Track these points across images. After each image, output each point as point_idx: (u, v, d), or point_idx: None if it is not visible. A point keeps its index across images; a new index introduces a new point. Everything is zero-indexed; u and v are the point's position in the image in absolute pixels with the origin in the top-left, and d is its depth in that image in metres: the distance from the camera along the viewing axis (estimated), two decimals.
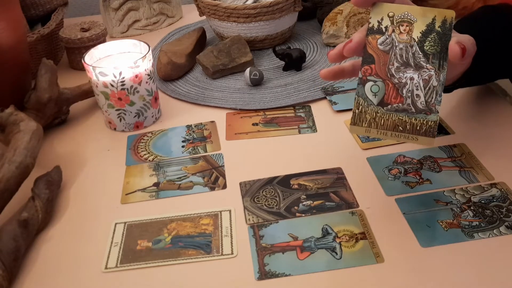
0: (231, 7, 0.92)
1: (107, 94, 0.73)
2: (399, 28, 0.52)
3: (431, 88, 0.51)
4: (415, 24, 0.52)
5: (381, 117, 0.51)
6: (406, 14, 0.52)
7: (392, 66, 0.52)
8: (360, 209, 0.59)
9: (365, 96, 0.52)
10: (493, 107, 0.74)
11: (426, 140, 0.50)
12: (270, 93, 0.83)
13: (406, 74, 0.51)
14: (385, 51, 0.52)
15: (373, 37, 0.52)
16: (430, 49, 0.51)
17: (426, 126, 0.50)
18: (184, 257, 0.55)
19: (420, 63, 0.51)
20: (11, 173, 0.58)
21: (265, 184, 0.64)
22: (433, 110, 0.50)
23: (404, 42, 0.52)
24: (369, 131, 0.52)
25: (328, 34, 0.96)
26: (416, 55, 0.51)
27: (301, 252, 0.54)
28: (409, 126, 0.51)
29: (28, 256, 0.56)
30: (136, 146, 0.74)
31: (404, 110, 0.51)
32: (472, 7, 0.97)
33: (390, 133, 0.51)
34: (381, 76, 0.52)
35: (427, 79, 0.51)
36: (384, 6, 0.53)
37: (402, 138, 0.51)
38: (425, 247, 0.53)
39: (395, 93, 0.51)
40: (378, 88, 0.52)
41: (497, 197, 0.58)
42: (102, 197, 0.65)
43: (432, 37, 0.51)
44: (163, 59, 0.89)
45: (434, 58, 0.51)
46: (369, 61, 0.52)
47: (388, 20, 0.52)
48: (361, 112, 0.52)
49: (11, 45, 0.71)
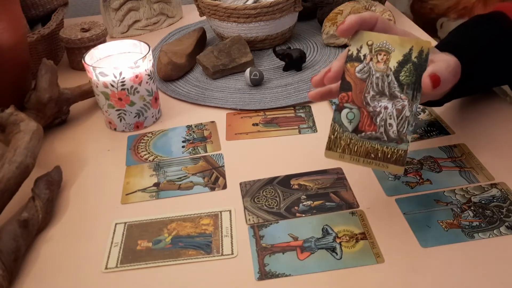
0: (231, 7, 0.92)
1: (107, 94, 0.73)
2: (377, 57, 0.53)
3: (403, 118, 0.51)
4: (392, 54, 0.53)
5: (355, 144, 0.52)
6: (384, 43, 0.53)
7: (368, 95, 0.53)
8: (360, 209, 0.59)
9: (341, 122, 0.53)
10: (493, 107, 0.74)
11: (395, 168, 0.51)
12: (270, 93, 0.83)
13: (381, 103, 0.52)
14: (362, 79, 0.53)
15: (351, 64, 0.53)
16: (405, 80, 0.52)
17: (396, 155, 0.51)
18: (184, 257, 0.55)
19: (394, 93, 0.52)
20: (11, 173, 0.58)
21: (265, 184, 0.64)
22: (404, 140, 0.51)
23: (380, 71, 0.53)
24: (343, 157, 0.53)
25: (328, 34, 0.96)
26: (391, 84, 0.52)
27: (301, 252, 0.54)
28: (381, 154, 0.52)
29: (28, 256, 0.56)
30: (136, 146, 0.74)
31: (377, 138, 0.52)
32: (472, 7, 0.97)
33: (363, 159, 0.52)
34: (357, 103, 0.53)
35: (400, 109, 0.52)
36: (364, 34, 0.54)
37: (373, 165, 0.52)
38: (425, 247, 0.53)
39: (369, 121, 0.52)
40: (353, 115, 0.53)
41: (497, 197, 0.58)
42: (102, 197, 0.65)
43: (408, 67, 0.52)
44: (163, 59, 0.89)
45: (408, 88, 0.52)
46: (346, 88, 0.53)
47: (367, 48, 0.53)
48: (336, 138, 0.53)
49: (11, 45, 0.72)
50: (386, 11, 0.96)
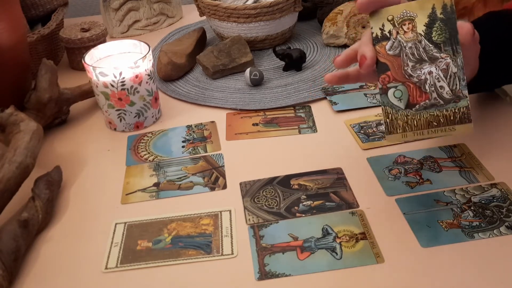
0: (231, 7, 0.92)
1: (107, 94, 0.73)
2: (402, 28, 0.52)
3: (452, 75, 0.50)
4: (416, 20, 0.51)
5: (413, 119, 0.51)
6: (405, 13, 0.52)
7: (408, 67, 0.51)
8: (360, 209, 0.59)
9: (390, 103, 0.51)
10: (493, 107, 0.74)
11: (463, 127, 0.50)
12: (270, 93, 0.83)
13: (423, 70, 0.51)
14: (396, 55, 0.52)
15: (380, 45, 0.52)
16: (439, 38, 0.50)
17: (459, 114, 0.50)
18: (184, 257, 0.55)
19: (433, 55, 0.51)
20: (11, 173, 0.58)
21: (265, 184, 0.64)
22: (461, 96, 0.50)
23: (411, 40, 0.51)
24: (406, 136, 0.51)
25: (328, 34, 0.96)
26: (427, 48, 0.51)
27: (301, 252, 0.54)
28: (443, 119, 0.50)
29: (28, 256, 0.56)
30: (136, 146, 0.74)
31: (433, 105, 0.50)
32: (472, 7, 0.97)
33: (427, 131, 0.51)
34: (399, 80, 0.51)
35: (445, 68, 0.50)
36: (381, 11, 0.53)
37: (439, 133, 0.50)
38: (425, 247, 0.53)
39: (419, 91, 0.51)
40: (401, 93, 0.51)
41: (497, 197, 0.58)
42: (102, 197, 0.65)
43: (437, 25, 0.50)
44: (163, 59, 0.89)
45: (445, 45, 0.50)
46: (384, 69, 0.52)
47: (389, 24, 0.52)
48: (392, 120, 0.52)
49: (11, 45, 0.72)
50: None
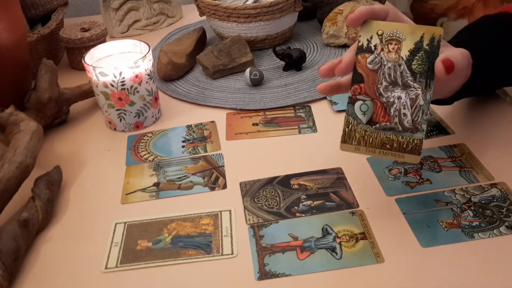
0: (231, 7, 0.92)
1: (107, 94, 0.73)
2: (388, 46, 0.52)
3: (417, 107, 0.51)
4: (403, 43, 0.52)
5: (370, 136, 0.52)
6: (395, 32, 0.52)
7: (381, 85, 0.52)
8: (360, 209, 0.59)
9: (354, 115, 0.53)
10: (493, 107, 0.74)
11: (411, 157, 0.51)
12: (270, 93, 0.83)
13: (394, 93, 0.52)
14: (374, 70, 0.52)
15: (362, 56, 0.53)
16: (417, 68, 0.51)
17: (412, 144, 0.51)
18: (184, 257, 0.55)
19: (407, 82, 0.52)
20: (11, 173, 0.58)
21: (265, 184, 0.64)
22: (419, 129, 0.51)
23: (392, 61, 0.52)
24: (359, 149, 0.53)
25: (328, 34, 0.96)
26: (404, 74, 0.52)
27: (301, 252, 0.54)
28: (396, 144, 0.52)
29: (28, 256, 0.56)
30: (136, 146, 0.74)
31: (392, 128, 0.52)
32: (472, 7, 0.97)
33: (378, 150, 0.52)
34: (370, 95, 0.52)
35: (414, 98, 0.51)
36: (373, 24, 0.53)
37: (389, 156, 0.52)
38: (425, 247, 0.53)
39: (383, 112, 0.52)
40: (367, 107, 0.52)
41: (497, 197, 0.58)
42: (102, 197, 0.65)
43: (420, 55, 0.51)
44: (163, 59, 0.89)
45: (421, 77, 0.51)
46: (359, 80, 0.53)
47: (377, 38, 0.53)
48: (351, 130, 0.53)
49: (11, 45, 0.71)
50: None
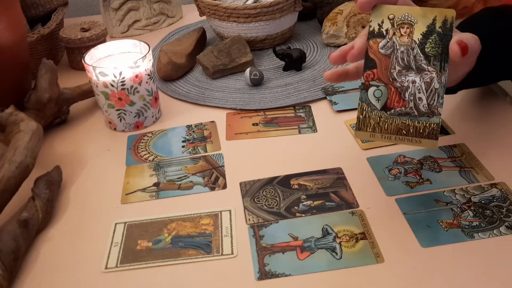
0: (231, 7, 0.92)
1: (107, 94, 0.73)
2: (399, 30, 0.52)
3: (433, 90, 0.50)
4: (415, 26, 0.51)
5: (385, 122, 0.51)
6: (406, 16, 0.52)
7: (394, 70, 0.51)
8: (360, 209, 0.59)
9: (368, 101, 0.52)
10: (493, 107, 0.74)
11: (429, 142, 0.50)
12: (270, 93, 0.83)
13: (408, 77, 0.51)
14: (387, 55, 0.52)
15: (374, 41, 0.52)
16: (431, 51, 0.51)
17: (429, 129, 0.50)
18: (184, 257, 0.55)
19: (421, 66, 0.51)
20: (11, 173, 0.58)
21: (265, 184, 0.64)
22: (436, 113, 0.50)
23: (405, 45, 0.51)
24: (374, 136, 0.52)
25: (328, 34, 0.96)
26: (417, 57, 0.51)
27: (301, 252, 0.54)
28: (412, 129, 0.51)
29: (28, 256, 0.56)
30: (136, 146, 0.74)
31: (407, 113, 0.51)
32: (472, 7, 0.97)
33: (394, 137, 0.51)
34: (383, 80, 0.52)
35: (428, 82, 0.50)
36: (384, 8, 0.52)
37: (406, 142, 0.51)
38: (425, 247, 0.53)
39: (398, 97, 0.51)
40: (381, 93, 0.52)
41: (497, 197, 0.58)
42: (102, 197, 0.65)
43: (433, 38, 0.51)
44: (163, 59, 0.89)
45: (435, 60, 0.50)
46: (371, 66, 0.52)
47: (389, 22, 0.52)
48: (365, 117, 0.52)
49: (11, 45, 0.72)
50: None
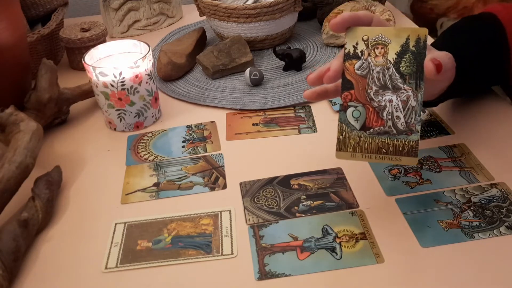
0: (231, 7, 0.92)
1: (107, 94, 0.73)
2: (374, 51, 0.52)
3: (410, 108, 0.51)
4: (389, 46, 0.52)
5: (365, 141, 0.52)
6: (380, 37, 0.52)
7: (371, 90, 0.52)
8: (360, 209, 0.59)
9: (347, 122, 0.53)
10: (493, 107, 0.74)
11: (409, 160, 0.51)
12: (270, 93, 0.83)
13: (385, 97, 0.52)
14: (363, 76, 0.53)
15: (350, 62, 0.53)
16: (406, 70, 0.51)
17: (408, 147, 0.51)
18: (184, 257, 0.55)
19: (397, 85, 0.52)
20: (11, 173, 0.58)
21: (265, 184, 0.64)
22: (414, 130, 0.51)
23: (380, 65, 0.52)
24: (354, 156, 0.53)
25: (328, 34, 0.96)
26: (393, 77, 0.52)
27: (301, 252, 0.54)
28: (392, 147, 0.51)
29: (28, 256, 0.56)
30: (136, 146, 0.74)
31: (386, 132, 0.52)
32: (472, 7, 0.97)
33: (374, 156, 0.52)
34: (361, 101, 0.53)
35: (405, 100, 0.51)
36: (358, 30, 0.53)
37: (386, 160, 0.52)
38: (425, 247, 0.53)
39: (376, 116, 0.52)
40: (359, 113, 0.52)
41: (497, 197, 0.58)
42: (102, 197, 0.65)
43: (407, 57, 0.51)
44: (163, 59, 0.89)
45: (410, 78, 0.51)
46: (348, 87, 0.53)
47: (363, 44, 0.53)
48: (345, 138, 0.53)
49: (11, 45, 0.72)
50: (386, 11, 0.96)
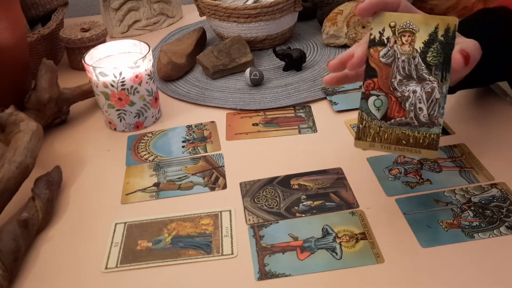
0: (231, 7, 0.92)
1: (107, 94, 0.73)
2: (401, 39, 0.51)
3: (433, 101, 0.50)
4: (417, 34, 0.50)
5: (385, 132, 0.51)
6: (408, 24, 0.51)
7: (395, 80, 0.51)
8: (360, 209, 0.59)
9: (368, 110, 0.51)
10: (493, 107, 0.74)
11: (429, 153, 0.50)
12: (270, 93, 0.83)
13: (409, 87, 0.50)
14: (387, 64, 0.51)
15: (375, 49, 0.51)
16: (432, 60, 0.50)
17: (429, 139, 0.50)
18: (184, 257, 0.55)
19: (422, 75, 0.50)
20: (11, 173, 0.58)
21: (265, 184, 0.64)
22: (436, 123, 0.50)
23: (406, 54, 0.51)
24: (373, 146, 0.52)
25: (328, 34, 0.96)
26: (418, 67, 0.50)
27: (301, 252, 0.54)
28: (412, 139, 0.50)
29: (28, 256, 0.56)
30: (136, 146, 0.74)
31: (407, 124, 0.50)
32: (472, 7, 0.97)
33: (394, 147, 0.51)
34: (383, 90, 0.51)
35: (429, 92, 0.50)
36: (385, 15, 0.51)
37: (405, 152, 0.51)
38: (425, 247, 0.53)
39: (398, 107, 0.51)
40: (381, 103, 0.51)
41: (497, 197, 0.58)
42: (102, 197, 0.65)
43: (435, 47, 0.50)
44: (163, 59, 0.89)
45: (437, 69, 0.50)
46: (372, 75, 0.51)
47: (390, 30, 0.51)
48: (365, 127, 0.51)
49: (11, 45, 0.72)
50: None
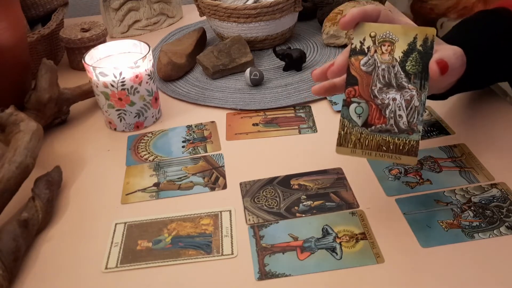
0: (232, 7, 0.92)
1: (107, 94, 0.73)
2: (381, 48, 0.52)
3: (412, 108, 0.51)
4: (396, 44, 0.52)
5: (366, 138, 0.52)
6: (388, 34, 0.52)
7: (375, 87, 0.52)
8: (361, 209, 0.59)
9: (349, 117, 0.53)
10: (493, 107, 0.74)
11: (408, 159, 0.51)
12: (271, 93, 0.83)
13: (389, 95, 0.52)
14: (368, 72, 0.52)
15: (356, 58, 0.53)
16: (411, 69, 0.51)
17: (408, 146, 0.51)
18: (184, 257, 0.55)
19: (402, 84, 0.52)
20: (11, 173, 0.58)
21: (265, 184, 0.64)
22: (415, 130, 0.51)
23: (386, 63, 0.52)
24: (354, 152, 0.53)
25: (328, 34, 0.96)
26: (398, 75, 0.52)
27: (301, 253, 0.54)
28: (392, 146, 0.51)
29: (28, 256, 0.56)
30: (136, 146, 0.74)
31: (387, 130, 0.52)
32: (472, 7, 0.97)
33: (375, 153, 0.52)
34: (364, 97, 0.52)
35: (409, 100, 0.51)
36: (365, 25, 0.53)
37: (386, 158, 0.52)
38: (425, 247, 0.53)
39: (379, 114, 0.52)
40: (362, 110, 0.52)
41: (498, 197, 0.58)
42: (102, 197, 0.65)
43: (414, 56, 0.51)
44: (163, 59, 0.89)
45: (415, 78, 0.51)
46: (353, 83, 0.53)
47: (370, 40, 0.53)
48: (346, 133, 0.53)
49: (11, 45, 0.72)
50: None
